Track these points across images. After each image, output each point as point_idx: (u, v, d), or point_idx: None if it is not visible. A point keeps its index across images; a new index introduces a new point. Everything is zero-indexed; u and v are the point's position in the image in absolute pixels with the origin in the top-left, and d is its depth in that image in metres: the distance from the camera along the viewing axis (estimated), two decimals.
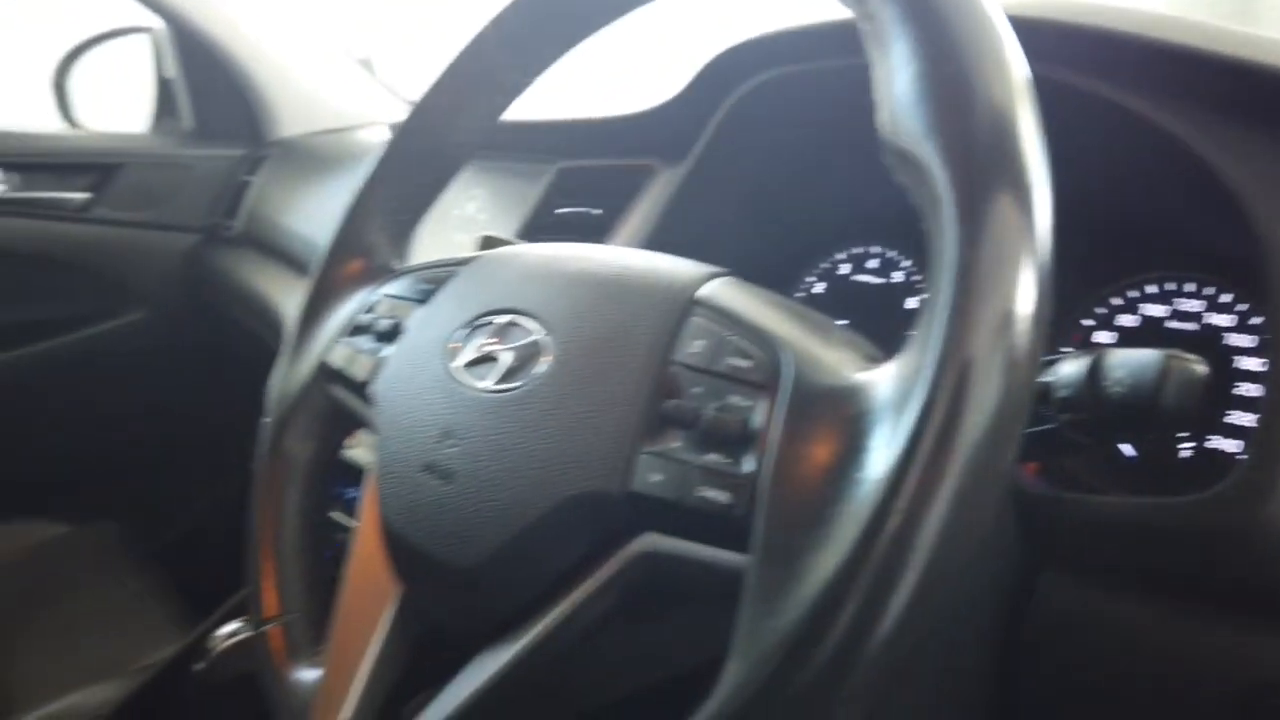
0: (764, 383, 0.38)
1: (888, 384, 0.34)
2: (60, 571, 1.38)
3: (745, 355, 0.39)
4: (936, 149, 0.34)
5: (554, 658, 0.42)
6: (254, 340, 1.43)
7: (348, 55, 1.73)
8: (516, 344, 0.47)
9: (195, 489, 1.75)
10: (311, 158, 1.55)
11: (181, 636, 1.19)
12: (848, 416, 0.34)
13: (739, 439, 0.37)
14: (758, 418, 0.37)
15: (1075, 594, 0.54)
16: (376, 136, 1.42)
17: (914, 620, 0.31)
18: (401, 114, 1.68)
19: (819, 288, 0.84)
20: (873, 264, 0.81)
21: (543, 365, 0.45)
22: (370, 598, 0.50)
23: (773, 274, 0.84)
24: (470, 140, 0.61)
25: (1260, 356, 0.58)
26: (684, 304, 0.43)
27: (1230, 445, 0.57)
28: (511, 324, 0.48)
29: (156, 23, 1.66)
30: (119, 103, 1.80)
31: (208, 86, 1.68)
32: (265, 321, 1.41)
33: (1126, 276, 0.65)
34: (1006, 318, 0.31)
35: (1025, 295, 0.32)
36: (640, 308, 0.44)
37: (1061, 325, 0.67)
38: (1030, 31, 0.52)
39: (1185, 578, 0.50)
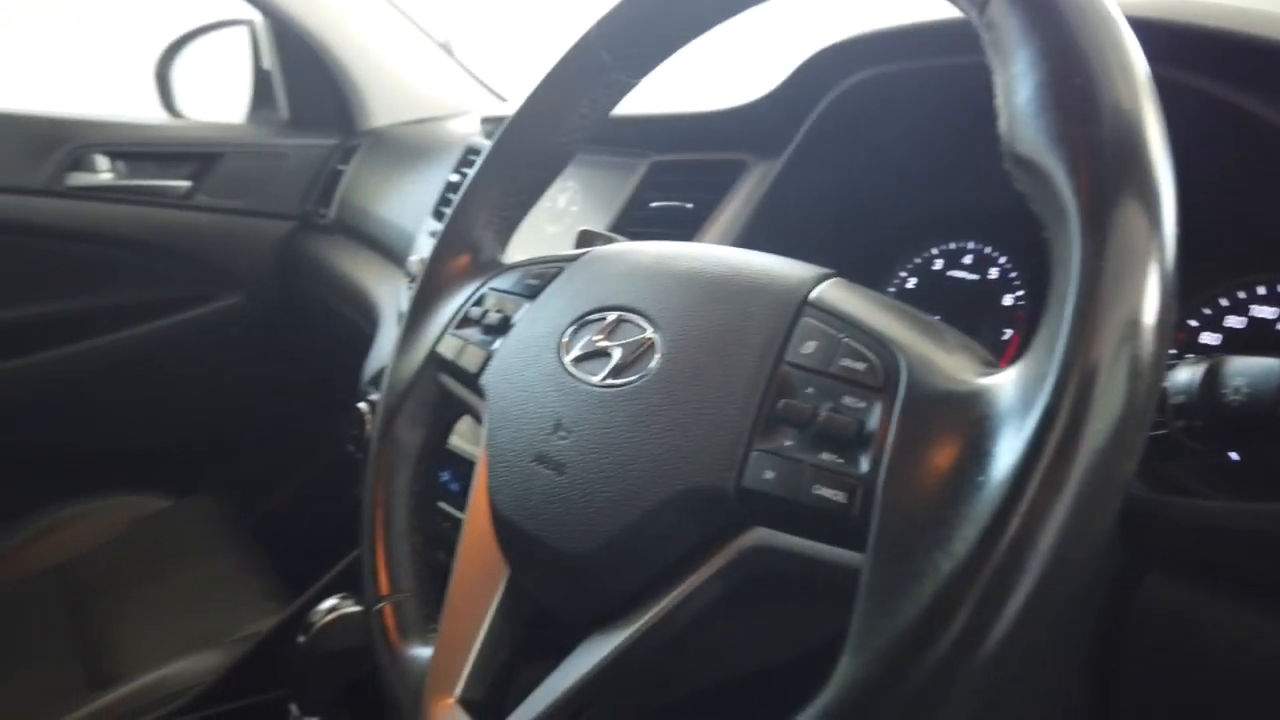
0: (879, 385, 0.39)
1: (1009, 389, 0.34)
2: (163, 544, 1.44)
3: (859, 357, 0.40)
4: (1061, 158, 0.34)
5: (661, 646, 0.43)
6: (346, 323, 1.48)
7: (432, 42, 1.76)
8: (627, 340, 0.49)
9: (290, 465, 1.81)
10: (401, 148, 1.59)
11: (278, 609, 1.24)
12: (967, 420, 0.35)
13: (854, 439, 0.38)
14: (873, 419, 0.38)
15: (1178, 596, 0.54)
16: (465, 127, 1.44)
17: (1029, 624, 0.32)
18: (487, 102, 1.72)
19: (911, 283, 0.84)
20: (967, 260, 0.81)
21: (653, 362, 0.47)
22: (481, 579, 0.53)
23: (865, 269, 0.84)
24: (574, 139, 0.62)
25: None
26: (796, 305, 0.44)
27: None
28: (621, 320, 0.50)
29: (256, 16, 1.72)
30: (218, 93, 1.86)
31: (302, 78, 1.73)
32: (356, 306, 1.45)
33: (1235, 277, 0.64)
34: (1132, 326, 0.32)
35: (1150, 303, 0.32)
36: (751, 308, 0.45)
37: None
38: (1145, 32, 0.51)
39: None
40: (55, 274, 1.60)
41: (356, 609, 0.93)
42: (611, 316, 0.51)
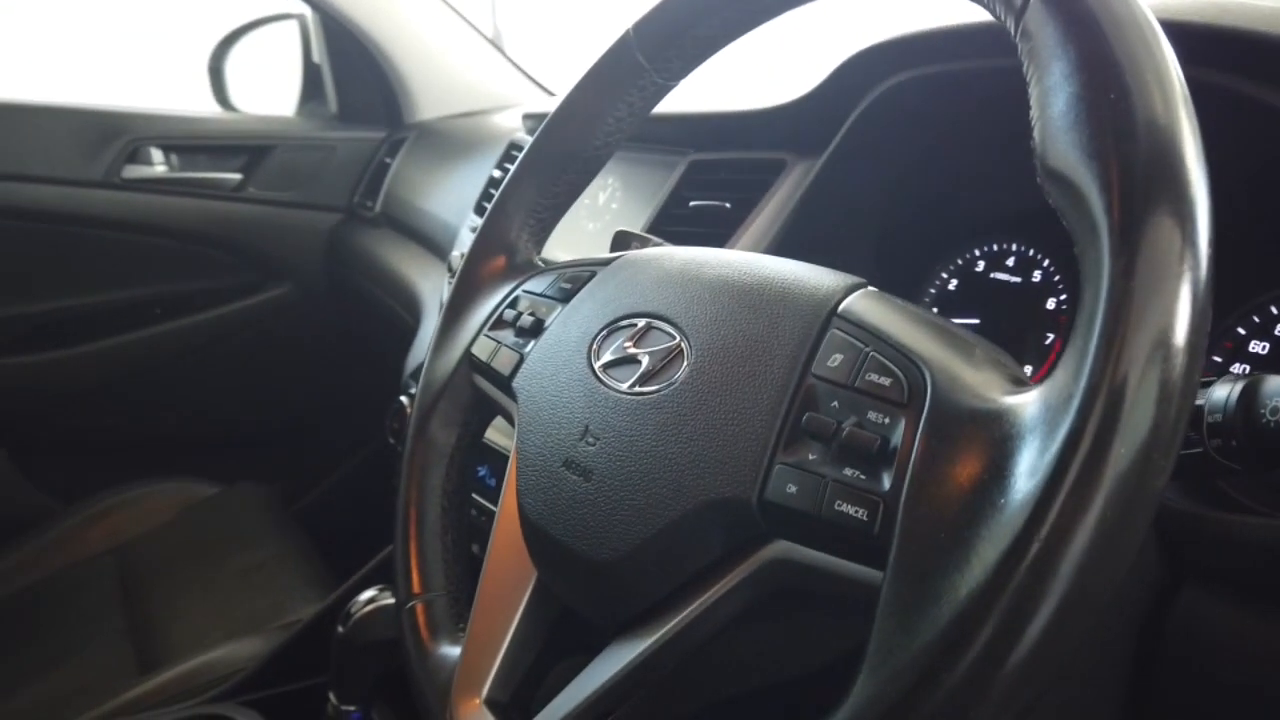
0: (904, 401, 0.38)
1: (1034, 408, 0.34)
2: (210, 530, 1.47)
3: (886, 372, 0.40)
4: (1094, 174, 0.33)
5: (683, 654, 0.43)
6: (390, 315, 1.50)
7: (479, 35, 1.78)
8: (656, 348, 0.49)
9: (334, 454, 1.84)
10: (447, 141, 1.60)
11: (319, 597, 1.27)
12: (991, 440, 0.34)
13: (877, 456, 0.38)
14: (897, 436, 0.38)
15: (1216, 609, 0.53)
16: (509, 122, 1.45)
17: (1050, 648, 0.31)
18: (532, 95, 1.73)
19: (953, 284, 0.83)
20: (1010, 262, 0.79)
21: (681, 371, 0.46)
22: (510, 581, 0.53)
23: (907, 269, 0.83)
24: (610, 142, 0.62)
25: None
26: (824, 317, 0.43)
27: None
28: (651, 328, 0.50)
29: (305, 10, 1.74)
30: (270, 86, 1.89)
31: (351, 71, 1.75)
32: (400, 299, 1.47)
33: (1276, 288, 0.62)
34: (1161, 346, 0.31)
35: (1181, 323, 0.31)
36: (779, 318, 0.45)
37: (1213, 331, 0.64)
38: (1186, 36, 0.50)
39: None
40: (111, 264, 1.64)
41: (393, 601, 0.95)
42: (641, 323, 0.51)
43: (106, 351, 1.65)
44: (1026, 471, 0.32)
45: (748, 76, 0.93)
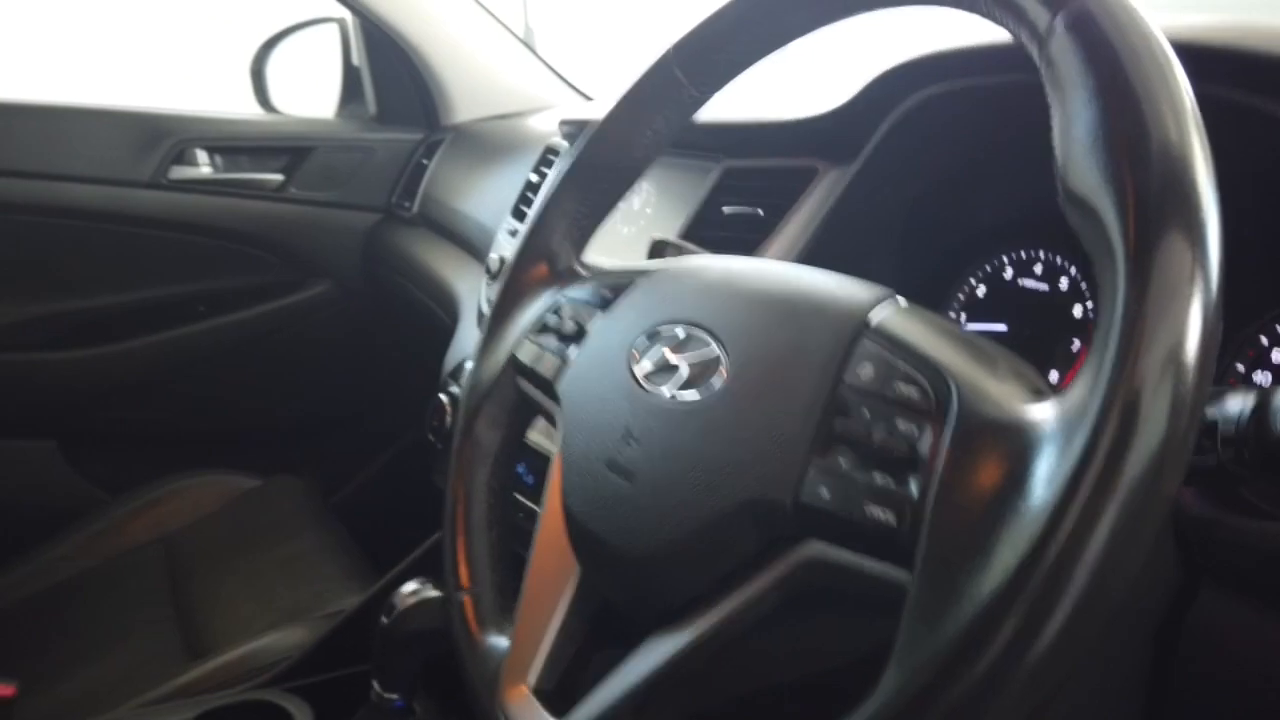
0: (931, 410, 0.41)
1: (1053, 421, 0.36)
2: (253, 521, 1.52)
3: (913, 383, 0.42)
4: (1111, 199, 0.36)
5: (721, 647, 0.46)
6: (427, 313, 1.53)
7: (513, 37, 1.81)
8: (695, 356, 0.51)
9: (371, 448, 1.89)
10: (483, 144, 1.63)
11: (359, 588, 1.31)
12: (1013, 450, 0.37)
13: (905, 462, 0.40)
14: (924, 444, 0.40)
15: (1233, 612, 0.55)
16: (544, 125, 1.48)
17: (1068, 645, 0.34)
18: (566, 96, 1.75)
19: (981, 290, 0.84)
20: (1038, 269, 0.81)
21: (719, 378, 0.49)
22: (554, 575, 0.56)
23: (935, 275, 0.85)
24: (649, 154, 0.65)
25: None
26: (855, 328, 0.46)
27: None
28: (690, 336, 0.52)
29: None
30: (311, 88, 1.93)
31: (389, 74, 1.79)
32: (437, 298, 1.50)
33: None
34: (1172, 364, 0.33)
35: (1191, 342, 0.34)
36: (813, 329, 0.47)
37: (1232, 341, 0.66)
38: (1196, 55, 0.52)
39: None
40: (157, 263, 1.69)
41: (436, 594, 0.98)
42: (680, 332, 0.53)
43: (152, 347, 1.70)
44: (1045, 480, 0.35)
45: (780, 85, 0.95)
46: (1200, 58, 0.56)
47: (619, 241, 1.04)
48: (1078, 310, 0.78)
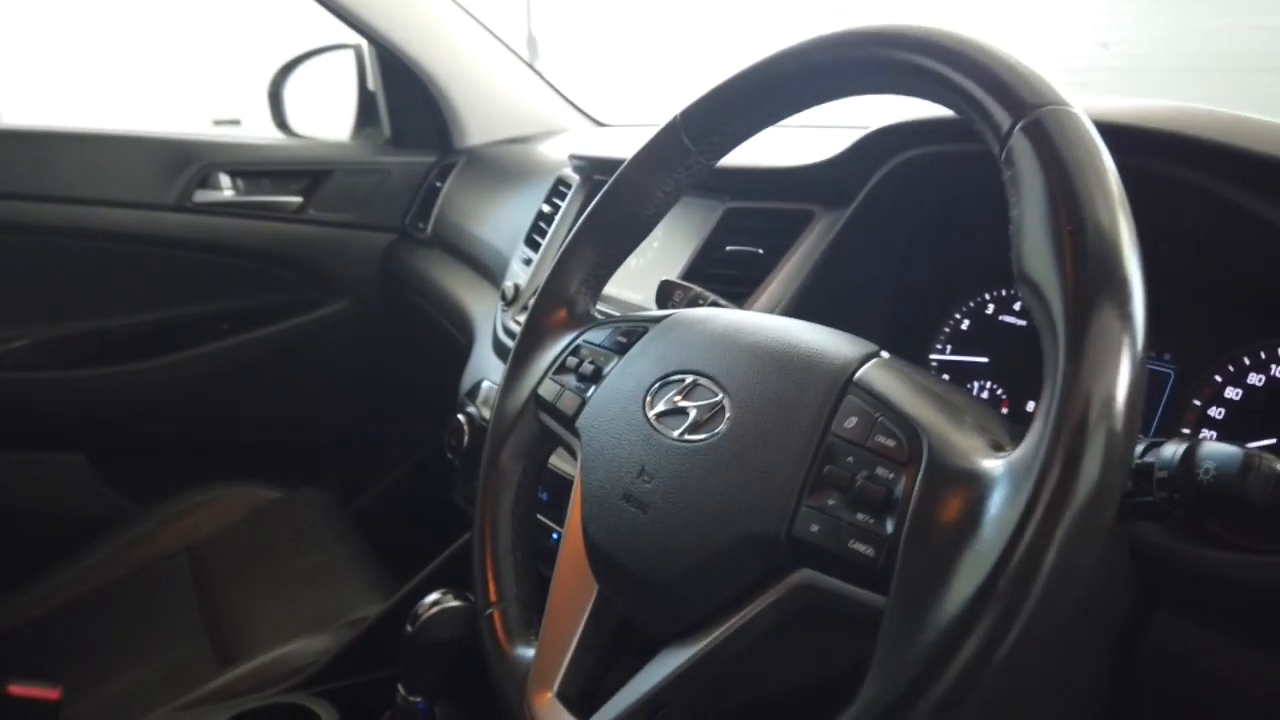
0: (905, 460, 0.48)
1: (1006, 470, 0.43)
2: (277, 531, 1.59)
3: (891, 435, 0.49)
4: (1055, 284, 0.43)
5: (725, 660, 0.53)
6: (442, 332, 1.60)
7: (523, 62, 1.87)
8: (701, 402, 0.58)
9: (390, 461, 1.96)
10: (495, 167, 1.70)
11: (381, 597, 1.37)
12: (973, 496, 0.44)
13: (883, 504, 0.47)
14: (899, 488, 0.47)
15: (1190, 632, 0.61)
16: (555, 153, 1.54)
17: (1021, 657, 0.40)
18: (573, 119, 1.81)
19: (965, 324, 0.91)
20: (1017, 306, 0.88)
21: (723, 423, 0.56)
22: (575, 593, 0.63)
23: (923, 310, 0.92)
24: (658, 212, 0.72)
25: None
26: (842, 384, 0.53)
27: None
28: (697, 384, 0.59)
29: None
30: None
31: (404, 98, 1.86)
32: (451, 317, 1.57)
33: (1259, 339, 0.70)
34: (1103, 421, 0.40)
35: (1119, 403, 0.41)
36: (806, 382, 0.54)
37: (1195, 381, 0.72)
38: (1134, 137, 0.59)
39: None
40: (182, 283, 1.76)
41: (458, 603, 1.05)
42: (689, 380, 0.60)
43: (178, 364, 1.78)
44: (998, 521, 0.41)
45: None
46: (1136, 136, 0.64)
47: (628, 274, 1.10)
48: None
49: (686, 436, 0.57)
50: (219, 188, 1.74)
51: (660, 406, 0.60)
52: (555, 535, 0.90)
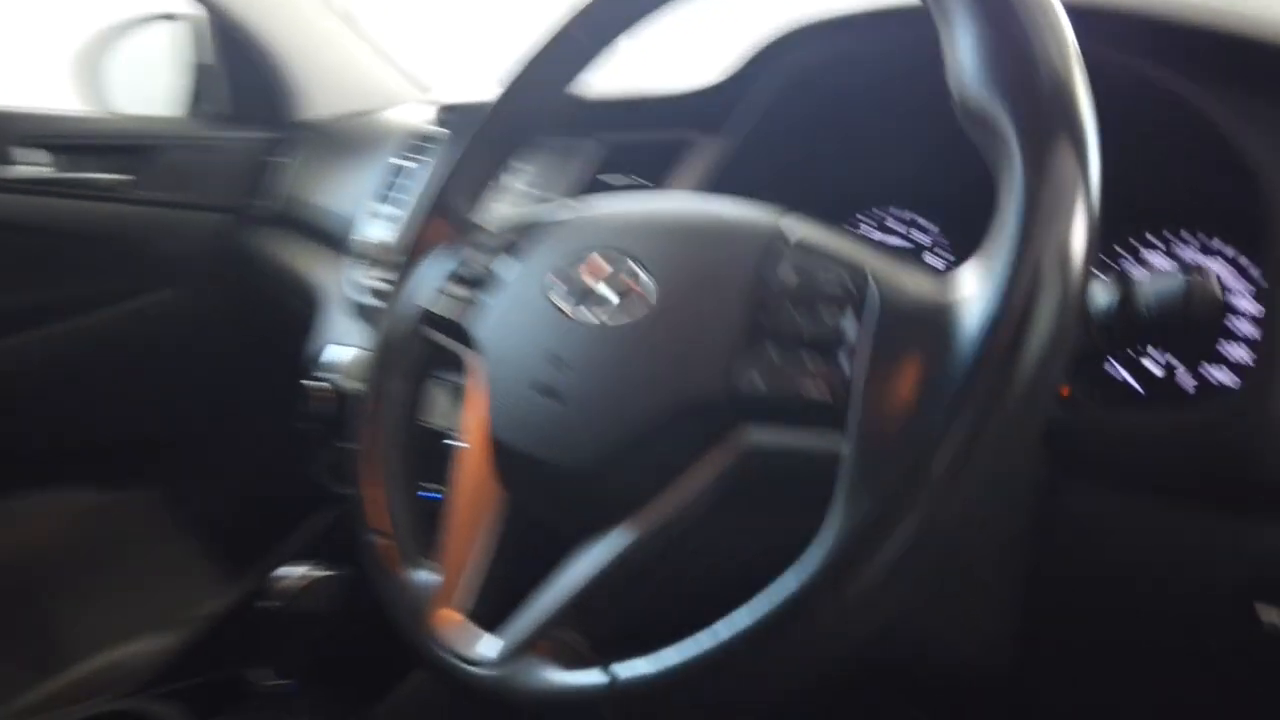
0: (852, 299, 0.45)
1: (964, 304, 0.40)
2: (107, 537, 1.44)
3: (835, 278, 0.46)
4: (1005, 107, 0.41)
5: (663, 546, 0.48)
6: (282, 311, 1.50)
7: (361, 36, 1.80)
8: (620, 281, 0.54)
9: (232, 455, 1.81)
10: (340, 139, 1.61)
11: (222, 591, 1.25)
12: (930, 333, 0.41)
13: (833, 342, 0.44)
14: (848, 325, 0.44)
15: (1101, 499, 0.61)
16: (401, 117, 1.48)
17: (988, 496, 0.38)
18: (411, 92, 1.75)
19: None
20: (892, 224, 0.88)
21: (646, 302, 0.52)
22: (477, 504, 0.57)
23: None
24: (537, 127, 0.68)
25: (1257, 302, 0.65)
26: (769, 239, 0.50)
27: (1226, 378, 0.64)
28: (612, 264, 0.55)
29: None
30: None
31: (241, 71, 1.74)
32: (298, 294, 1.47)
33: (1135, 234, 0.72)
34: (1064, 247, 0.38)
35: (1079, 229, 0.39)
36: (730, 243, 0.51)
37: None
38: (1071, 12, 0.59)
39: (1188, 480, 0.57)
40: None
41: (326, 573, 0.96)
42: (603, 263, 0.56)
43: None
44: (959, 357, 0.39)
45: (649, 58, 0.99)
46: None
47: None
48: (931, 259, 0.85)
49: (606, 320, 0.53)
50: (35, 163, 1.57)
51: (574, 293, 0.56)
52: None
